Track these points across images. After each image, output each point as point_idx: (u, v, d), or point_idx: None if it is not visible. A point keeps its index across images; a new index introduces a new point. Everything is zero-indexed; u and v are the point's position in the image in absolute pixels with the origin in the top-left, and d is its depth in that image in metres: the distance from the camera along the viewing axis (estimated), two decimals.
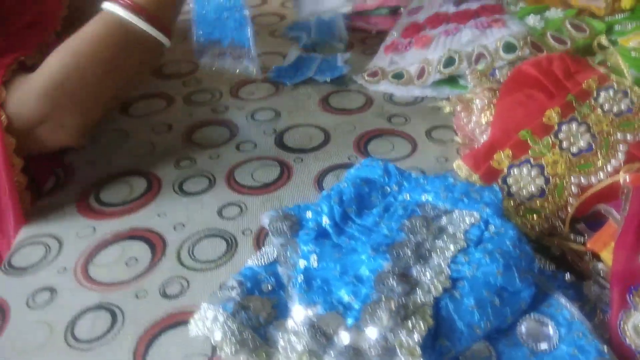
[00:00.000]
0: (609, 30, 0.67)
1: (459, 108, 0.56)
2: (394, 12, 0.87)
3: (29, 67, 0.52)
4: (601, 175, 0.47)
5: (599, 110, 0.49)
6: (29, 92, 0.49)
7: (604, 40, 0.59)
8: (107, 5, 0.51)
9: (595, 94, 0.50)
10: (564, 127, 0.48)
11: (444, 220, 0.40)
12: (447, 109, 0.64)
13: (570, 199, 0.46)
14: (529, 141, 0.47)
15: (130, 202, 0.52)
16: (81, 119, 0.52)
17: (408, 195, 0.43)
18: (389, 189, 0.44)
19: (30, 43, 0.60)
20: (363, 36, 0.88)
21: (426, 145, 0.59)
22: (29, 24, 0.62)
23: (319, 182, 0.54)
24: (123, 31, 0.51)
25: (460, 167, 0.47)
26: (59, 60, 0.49)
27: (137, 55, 0.54)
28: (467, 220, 0.39)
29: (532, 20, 0.68)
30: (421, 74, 0.68)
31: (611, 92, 0.50)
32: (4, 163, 0.48)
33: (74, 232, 0.49)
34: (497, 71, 0.61)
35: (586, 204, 0.45)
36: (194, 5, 0.60)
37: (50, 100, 0.49)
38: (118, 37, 0.51)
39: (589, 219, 0.44)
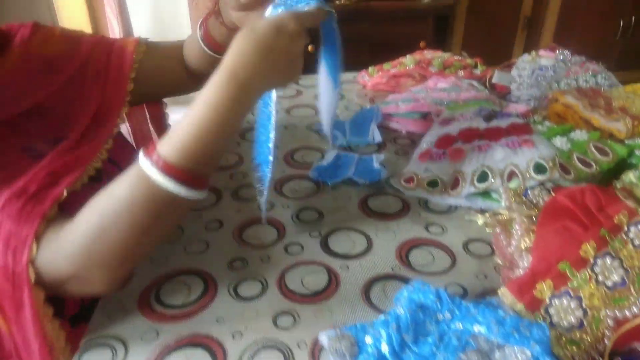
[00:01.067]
0: (630, 154, 0.73)
1: (497, 229, 0.61)
2: (424, 116, 0.94)
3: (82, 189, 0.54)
4: (635, 309, 0.50)
5: (630, 246, 0.54)
6: (58, 252, 0.48)
7: (632, 176, 0.64)
8: (141, 160, 0.48)
9: (626, 229, 0.55)
10: (599, 261, 0.52)
11: (497, 354, 0.43)
12: (481, 222, 0.68)
13: (607, 332, 0.49)
14: (568, 273, 0.51)
15: (189, 305, 0.55)
16: (109, 276, 0.51)
17: (460, 325, 0.46)
18: (441, 316, 0.47)
19: (99, 135, 0.64)
20: (394, 136, 0.94)
21: (465, 259, 0.63)
22: (94, 117, 0.67)
23: (367, 293, 0.57)
24: (154, 193, 0.47)
25: (505, 295, 0.51)
26: (86, 222, 0.48)
27: (169, 216, 0.51)
28: (520, 357, 0.42)
29: (559, 141, 0.74)
30: (455, 184, 0.73)
31: None
32: (34, 318, 0.49)
33: (138, 335, 0.51)
34: (529, 191, 0.66)
35: (623, 339, 0.48)
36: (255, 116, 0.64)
37: (77, 263, 0.48)
38: (148, 200, 0.48)
39: (627, 354, 0.47)
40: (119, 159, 0.67)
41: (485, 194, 0.72)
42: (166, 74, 0.81)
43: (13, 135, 0.56)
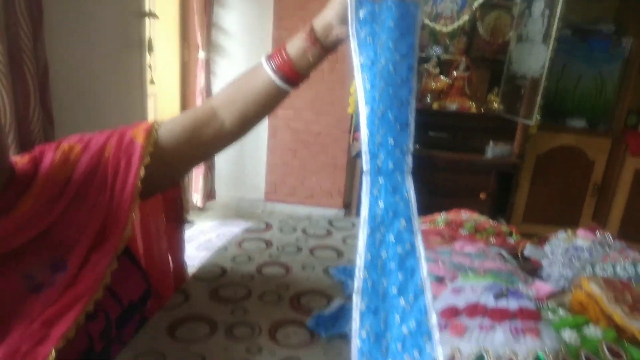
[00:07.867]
0: None
1: None
2: (440, 280, 0.92)
3: None
4: None
5: None
6: None
7: None
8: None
9: None
10: None
11: None
12: None
13: None
14: None
15: None
16: None
17: None
18: None
19: (102, 258, 0.59)
20: None
21: None
22: (97, 233, 0.61)
23: None
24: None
25: None
26: None
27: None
28: None
29: (568, 335, 0.69)
30: None
31: None
32: None
33: None
34: None
35: None
36: None
37: None
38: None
39: None
40: (119, 287, 0.67)
41: None
42: (183, 155, 0.72)
43: (14, 261, 0.54)
